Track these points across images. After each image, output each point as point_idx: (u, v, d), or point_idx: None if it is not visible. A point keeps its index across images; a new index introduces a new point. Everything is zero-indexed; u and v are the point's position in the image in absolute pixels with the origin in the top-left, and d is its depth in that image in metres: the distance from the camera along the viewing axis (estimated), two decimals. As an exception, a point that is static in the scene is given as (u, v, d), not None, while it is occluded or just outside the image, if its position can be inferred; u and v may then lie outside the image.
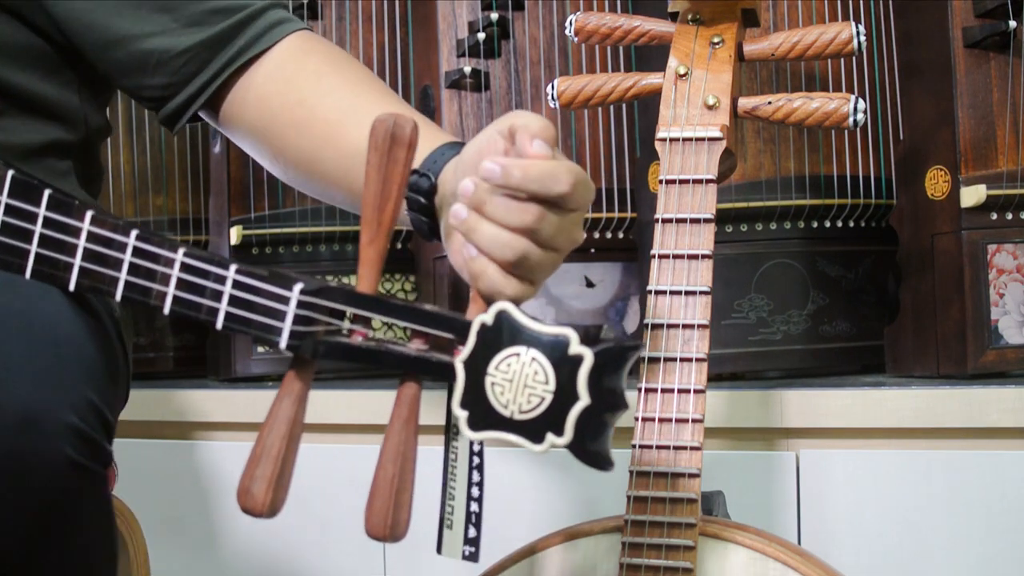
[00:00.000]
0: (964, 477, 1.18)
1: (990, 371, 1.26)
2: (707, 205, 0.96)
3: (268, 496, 0.65)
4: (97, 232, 0.72)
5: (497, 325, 0.64)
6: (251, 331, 0.67)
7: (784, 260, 1.37)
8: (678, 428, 0.92)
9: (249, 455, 0.65)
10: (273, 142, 0.92)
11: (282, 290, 0.66)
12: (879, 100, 1.42)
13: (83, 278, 0.73)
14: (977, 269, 1.25)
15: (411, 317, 0.66)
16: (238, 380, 1.55)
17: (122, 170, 1.70)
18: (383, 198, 0.66)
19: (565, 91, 1.05)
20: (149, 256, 0.70)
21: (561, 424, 0.62)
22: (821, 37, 1.00)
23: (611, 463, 0.63)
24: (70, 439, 0.72)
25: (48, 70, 0.94)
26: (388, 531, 0.65)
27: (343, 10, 1.58)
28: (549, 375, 0.62)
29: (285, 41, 0.93)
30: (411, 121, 0.66)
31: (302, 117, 0.90)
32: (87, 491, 0.76)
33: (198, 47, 0.91)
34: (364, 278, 0.67)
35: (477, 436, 0.64)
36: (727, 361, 1.34)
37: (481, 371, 0.64)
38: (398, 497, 0.65)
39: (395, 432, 0.66)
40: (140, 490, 1.24)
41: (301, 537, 1.41)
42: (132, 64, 0.92)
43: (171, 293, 0.69)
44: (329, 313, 0.66)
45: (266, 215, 1.54)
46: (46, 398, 0.71)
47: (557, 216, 0.69)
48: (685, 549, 0.90)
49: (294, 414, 0.66)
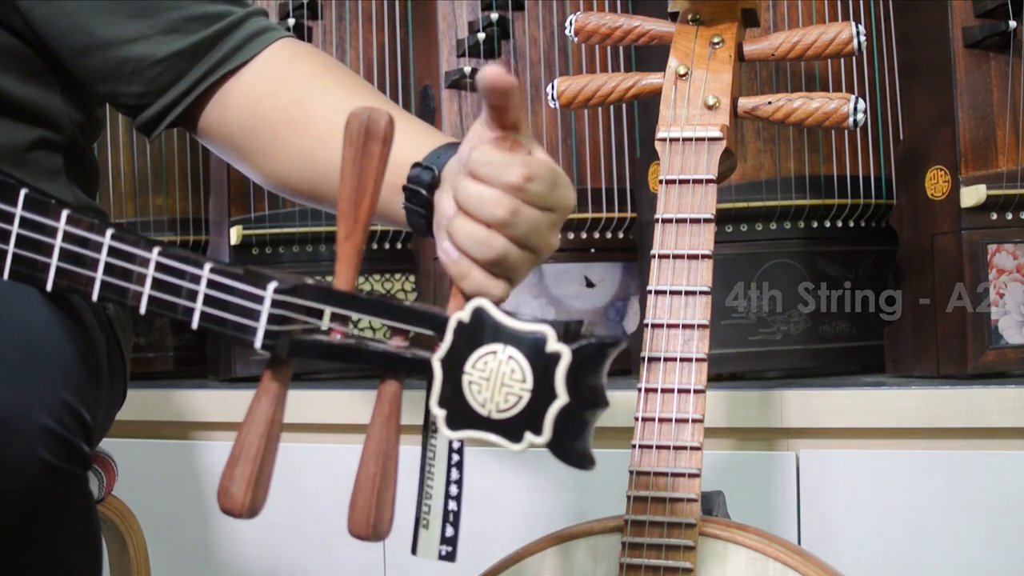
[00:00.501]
0: (964, 477, 1.18)
1: (990, 371, 1.26)
2: (707, 205, 0.96)
3: (247, 496, 0.64)
4: (73, 232, 0.71)
5: (473, 322, 0.63)
6: (226, 331, 0.66)
7: (784, 260, 1.37)
8: (678, 428, 0.92)
9: (228, 457, 0.64)
10: (261, 144, 0.91)
11: (256, 289, 0.65)
12: (879, 100, 1.42)
13: (60, 278, 0.72)
14: (977, 269, 1.25)
15: (387, 313, 0.64)
16: (238, 380, 1.55)
17: (122, 170, 1.70)
18: (359, 193, 0.66)
19: (565, 91, 1.05)
20: (125, 256, 0.70)
21: (539, 423, 0.61)
22: (821, 37, 1.00)
23: (592, 462, 0.61)
24: (45, 441, 0.70)
25: (28, 72, 0.92)
26: (371, 530, 0.64)
27: (343, 10, 1.58)
28: (526, 373, 0.61)
29: (272, 47, 0.92)
30: (386, 115, 0.65)
31: (297, 116, 0.88)
32: (65, 494, 0.75)
33: (175, 57, 0.89)
34: (341, 274, 0.66)
35: (455, 435, 0.63)
36: (727, 361, 1.34)
37: (458, 369, 0.62)
38: (380, 496, 0.64)
39: (376, 430, 0.65)
40: (140, 490, 1.24)
41: (301, 537, 1.41)
42: (107, 71, 0.91)
43: (147, 293, 0.69)
44: (307, 312, 0.65)
45: (266, 215, 1.54)
46: (17, 400, 0.69)
47: (531, 213, 0.68)
48: (685, 549, 0.90)
49: (272, 414, 0.65)
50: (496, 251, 0.68)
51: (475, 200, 0.67)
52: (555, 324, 0.61)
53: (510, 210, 0.67)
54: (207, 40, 0.90)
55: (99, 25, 0.89)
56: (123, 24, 0.89)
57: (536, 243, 0.69)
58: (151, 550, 1.14)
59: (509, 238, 0.68)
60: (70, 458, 0.73)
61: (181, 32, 0.90)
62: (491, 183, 0.68)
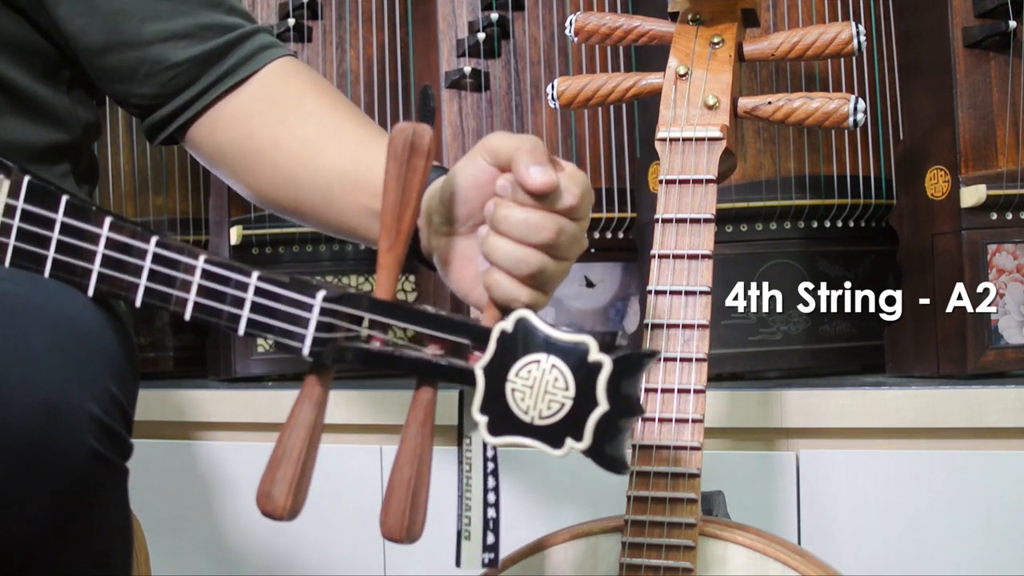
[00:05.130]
0: (964, 477, 1.18)
1: (990, 371, 1.26)
2: (707, 205, 0.96)
3: (288, 500, 0.66)
4: (116, 238, 0.73)
5: (517, 332, 0.65)
6: (272, 336, 0.68)
7: (784, 260, 1.37)
8: (678, 428, 0.92)
9: (269, 458, 0.66)
10: (248, 162, 0.93)
11: (305, 297, 0.68)
12: (879, 100, 1.42)
13: (102, 284, 0.74)
14: (977, 269, 1.25)
15: (429, 323, 0.67)
16: (238, 380, 1.55)
17: (122, 170, 1.70)
18: (402, 206, 0.68)
19: (565, 91, 1.05)
20: (169, 263, 0.72)
21: (580, 429, 0.63)
22: (821, 37, 1.00)
23: (627, 467, 0.65)
24: (94, 430, 0.73)
25: (45, 70, 0.94)
26: (405, 532, 0.66)
27: (343, 10, 1.58)
28: (569, 382, 0.64)
29: (271, 65, 0.94)
30: (429, 131, 0.68)
31: (282, 137, 0.91)
32: (109, 483, 0.77)
33: (189, 62, 0.92)
34: (382, 284, 0.68)
35: (497, 442, 0.65)
36: (727, 361, 1.34)
37: (501, 377, 0.65)
38: (414, 499, 0.66)
39: (411, 435, 0.67)
40: (140, 490, 1.23)
41: (301, 537, 1.41)
42: (123, 71, 0.93)
43: (192, 299, 0.71)
44: (350, 319, 0.68)
45: (266, 215, 1.54)
46: (71, 389, 0.71)
47: (572, 228, 0.72)
48: (685, 549, 0.90)
49: (314, 418, 0.68)
50: (533, 266, 0.71)
51: (522, 226, 0.71)
52: (593, 334, 0.64)
53: (555, 231, 0.71)
54: (220, 48, 0.93)
55: (119, 25, 0.91)
56: (142, 26, 0.91)
57: (573, 252, 0.73)
58: (151, 550, 1.14)
59: (549, 254, 0.71)
60: (115, 448, 0.75)
61: (196, 38, 0.92)
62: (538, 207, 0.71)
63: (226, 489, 1.44)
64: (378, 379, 1.53)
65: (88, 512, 0.75)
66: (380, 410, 1.37)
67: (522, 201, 0.71)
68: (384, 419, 1.37)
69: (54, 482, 0.71)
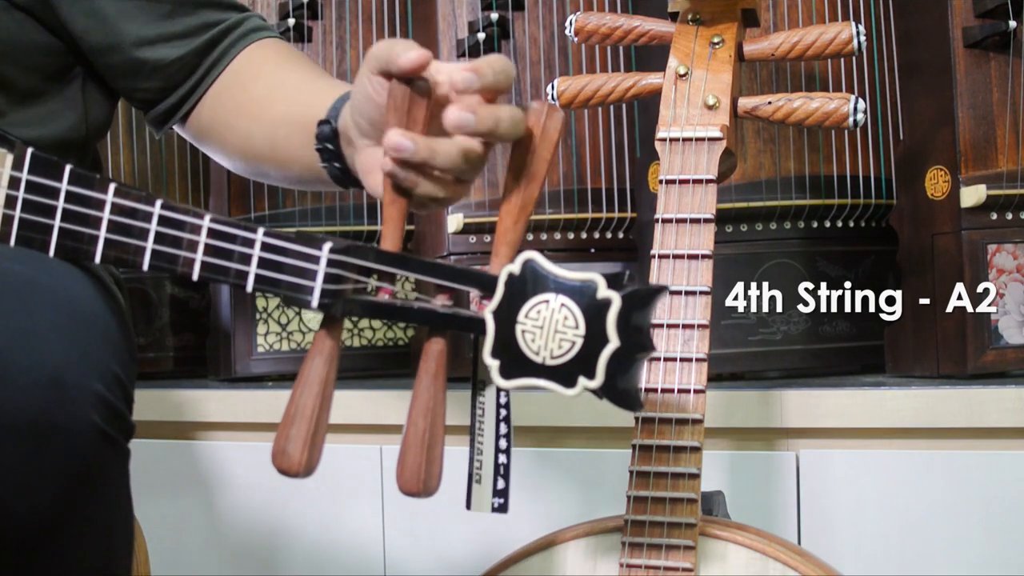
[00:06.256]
0: (964, 477, 1.18)
1: (990, 371, 1.26)
2: (707, 205, 0.96)
3: (304, 456, 0.65)
4: (121, 203, 0.73)
5: (524, 274, 0.65)
6: (280, 291, 0.68)
7: (784, 260, 1.37)
8: (678, 428, 0.92)
9: (282, 417, 0.66)
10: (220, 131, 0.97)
11: (312, 250, 0.67)
12: (879, 100, 1.42)
13: (109, 249, 0.74)
14: (977, 269, 1.25)
15: (436, 273, 0.67)
16: (238, 380, 1.55)
17: (122, 170, 1.70)
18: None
19: (565, 91, 1.05)
20: (175, 224, 0.72)
21: (592, 367, 0.63)
22: (821, 37, 1.00)
23: (641, 403, 0.65)
24: (98, 407, 0.73)
25: (55, 70, 0.96)
26: (422, 486, 0.66)
27: (343, 10, 1.58)
28: (579, 320, 0.64)
29: (252, 45, 0.98)
30: (427, 80, 0.69)
31: (241, 100, 0.95)
32: (112, 462, 0.78)
33: (189, 55, 0.96)
34: (387, 236, 0.69)
35: (509, 384, 0.65)
36: (727, 361, 1.34)
37: (511, 320, 0.65)
38: (429, 452, 0.66)
39: (424, 388, 0.67)
40: (140, 490, 1.24)
41: (301, 537, 1.41)
42: (128, 69, 0.97)
43: (199, 259, 0.71)
44: (358, 271, 0.68)
45: (266, 215, 1.54)
46: (75, 366, 0.72)
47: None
48: (685, 549, 0.90)
49: (326, 373, 0.67)
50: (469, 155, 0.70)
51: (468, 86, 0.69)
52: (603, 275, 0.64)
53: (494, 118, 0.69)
54: (215, 37, 0.97)
55: (124, 26, 0.94)
56: (146, 27, 0.95)
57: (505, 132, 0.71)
58: (151, 550, 1.14)
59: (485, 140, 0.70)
60: (118, 426, 0.76)
61: (196, 35, 0.97)
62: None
63: (226, 489, 1.44)
64: (378, 379, 1.53)
65: (93, 489, 0.76)
66: (380, 410, 1.37)
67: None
68: (384, 419, 1.37)
69: (60, 458, 0.72)
